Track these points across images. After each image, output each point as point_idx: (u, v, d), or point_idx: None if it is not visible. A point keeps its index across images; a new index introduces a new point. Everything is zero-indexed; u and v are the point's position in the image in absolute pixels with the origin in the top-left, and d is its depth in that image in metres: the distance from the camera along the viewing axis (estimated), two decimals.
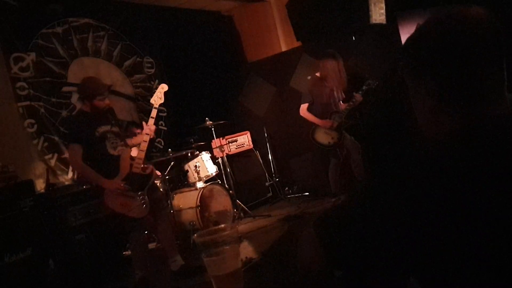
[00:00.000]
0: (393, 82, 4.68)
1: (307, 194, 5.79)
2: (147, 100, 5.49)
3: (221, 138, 5.59)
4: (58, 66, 4.96)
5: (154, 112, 3.50)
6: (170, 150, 4.89)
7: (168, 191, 4.57)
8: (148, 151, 3.57)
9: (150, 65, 6.12)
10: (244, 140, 5.96)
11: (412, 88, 0.91)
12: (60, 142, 4.75)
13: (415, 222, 0.72)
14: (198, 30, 6.62)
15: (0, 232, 3.25)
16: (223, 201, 4.81)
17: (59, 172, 4.71)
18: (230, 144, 5.74)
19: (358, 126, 5.02)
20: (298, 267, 0.89)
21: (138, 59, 5.96)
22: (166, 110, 6.10)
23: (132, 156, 3.51)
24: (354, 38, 5.37)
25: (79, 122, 3.41)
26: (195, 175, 4.84)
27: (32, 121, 4.62)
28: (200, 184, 4.82)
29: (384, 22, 4.97)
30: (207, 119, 5.24)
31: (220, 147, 5.47)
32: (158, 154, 5.65)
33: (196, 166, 4.84)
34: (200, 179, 4.85)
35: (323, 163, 5.18)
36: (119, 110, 5.09)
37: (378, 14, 4.94)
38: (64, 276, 3.64)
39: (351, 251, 0.80)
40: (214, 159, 5.33)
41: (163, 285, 3.56)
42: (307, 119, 4.80)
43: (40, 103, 4.71)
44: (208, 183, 4.82)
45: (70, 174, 4.76)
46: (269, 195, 5.99)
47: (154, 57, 6.16)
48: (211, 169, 5.02)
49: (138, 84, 5.91)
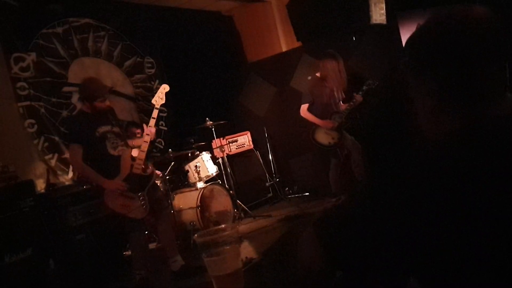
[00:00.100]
0: (393, 82, 4.68)
1: (307, 194, 5.79)
2: (148, 100, 5.51)
3: (221, 138, 5.59)
4: (58, 66, 4.96)
5: (155, 113, 3.50)
6: (170, 150, 4.89)
7: (169, 191, 4.57)
8: (148, 152, 3.57)
9: (150, 65, 6.11)
10: (244, 140, 5.95)
11: (412, 88, 0.90)
12: (60, 142, 4.75)
13: (415, 222, 0.72)
14: (198, 30, 6.62)
15: (1, 232, 3.24)
16: (223, 201, 4.81)
17: (59, 172, 4.71)
18: (231, 144, 5.74)
19: (358, 126, 5.02)
20: (299, 267, 0.89)
21: (139, 59, 5.96)
22: (166, 110, 6.10)
23: (133, 156, 3.51)
24: (354, 38, 5.37)
25: (79, 122, 3.41)
26: (196, 175, 4.84)
27: (33, 121, 4.62)
28: (200, 184, 4.82)
29: (384, 22, 4.96)
30: (207, 119, 5.24)
31: (221, 147, 5.47)
32: (158, 154, 5.65)
33: (196, 166, 4.84)
34: (200, 179, 4.85)
35: (323, 163, 5.17)
36: (120, 110, 5.09)
37: (379, 14, 4.93)
38: (64, 276, 3.64)
39: (351, 251, 0.80)
40: (215, 159, 5.33)
41: (163, 285, 3.55)
42: (308, 120, 4.79)
43: (41, 103, 4.71)
44: (209, 183, 4.83)
45: (71, 174, 4.76)
46: (269, 195, 5.99)
47: (155, 57, 6.16)
48: (211, 169, 5.02)
49: (139, 84, 5.91)
